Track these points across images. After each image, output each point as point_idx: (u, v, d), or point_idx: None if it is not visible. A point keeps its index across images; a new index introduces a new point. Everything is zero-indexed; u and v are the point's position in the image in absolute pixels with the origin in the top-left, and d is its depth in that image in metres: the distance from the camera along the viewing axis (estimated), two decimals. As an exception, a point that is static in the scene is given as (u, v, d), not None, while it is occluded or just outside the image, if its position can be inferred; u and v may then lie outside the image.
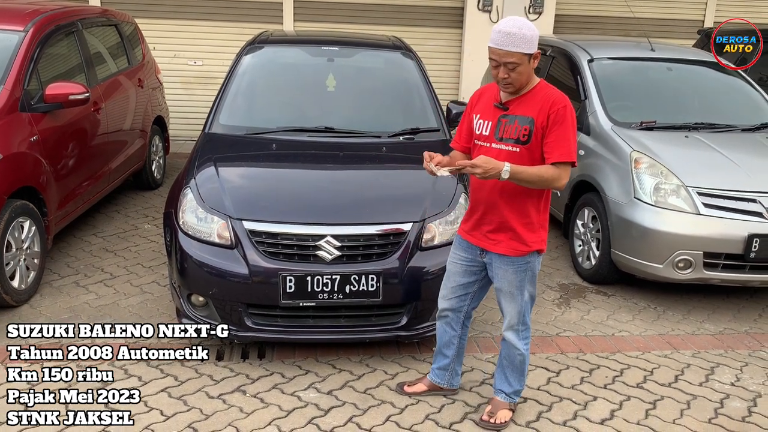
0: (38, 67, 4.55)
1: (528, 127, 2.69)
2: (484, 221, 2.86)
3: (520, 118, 2.71)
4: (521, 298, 2.90)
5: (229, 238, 3.42)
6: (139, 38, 6.74)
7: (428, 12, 8.91)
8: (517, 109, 2.74)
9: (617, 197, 4.54)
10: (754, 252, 4.14)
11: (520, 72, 2.64)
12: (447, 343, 3.20)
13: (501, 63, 2.64)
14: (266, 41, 5.08)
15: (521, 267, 2.85)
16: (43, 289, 4.34)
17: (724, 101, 5.59)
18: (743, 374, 3.71)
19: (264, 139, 4.24)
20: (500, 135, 2.75)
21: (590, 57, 5.51)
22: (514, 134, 2.71)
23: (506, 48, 2.60)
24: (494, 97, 2.82)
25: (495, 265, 2.90)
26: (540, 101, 2.70)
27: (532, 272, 2.89)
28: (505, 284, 2.89)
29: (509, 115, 2.74)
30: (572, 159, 2.68)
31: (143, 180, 6.52)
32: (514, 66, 2.62)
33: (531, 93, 2.73)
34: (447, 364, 3.25)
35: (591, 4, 9.26)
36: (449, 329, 3.17)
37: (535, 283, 2.93)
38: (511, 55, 2.60)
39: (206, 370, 3.48)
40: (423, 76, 4.89)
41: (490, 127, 2.79)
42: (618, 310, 4.46)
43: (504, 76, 2.65)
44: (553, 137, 2.66)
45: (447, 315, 3.13)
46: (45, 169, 4.36)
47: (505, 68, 2.64)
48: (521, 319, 2.95)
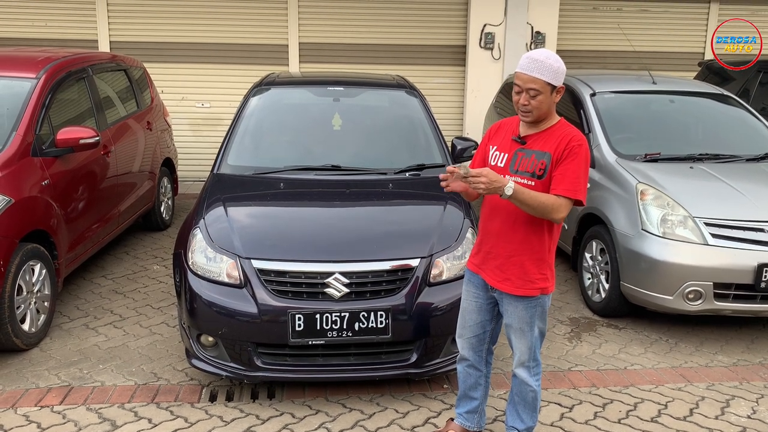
0: (50, 113, 4.64)
1: (545, 161, 2.69)
2: (492, 255, 2.84)
3: (537, 153, 2.71)
4: (531, 335, 2.86)
5: (239, 277, 3.43)
6: (148, 82, 6.87)
7: (431, 51, 9.05)
8: (535, 144, 2.73)
9: (625, 229, 4.54)
10: (764, 282, 4.12)
11: (540, 101, 2.65)
12: (473, 386, 3.11)
13: (524, 89, 2.66)
14: (273, 83, 5.18)
15: (531, 304, 2.82)
16: (53, 332, 4.35)
17: (727, 132, 5.62)
18: (759, 406, 3.65)
19: (272, 179, 4.29)
20: (515, 168, 2.74)
21: (593, 91, 5.58)
22: (531, 168, 2.71)
23: (531, 73, 2.63)
24: (513, 131, 2.82)
25: (505, 301, 2.87)
26: (558, 137, 2.70)
27: (542, 308, 2.86)
28: (515, 320, 2.85)
29: (526, 149, 2.74)
30: (577, 197, 2.66)
31: (152, 221, 6.57)
32: (535, 93, 2.64)
33: (550, 129, 2.74)
34: (476, 407, 3.15)
35: (591, 39, 9.39)
36: (473, 371, 3.08)
37: (545, 319, 2.90)
38: (534, 82, 2.63)
39: (216, 411, 3.46)
40: (427, 114, 4.96)
41: (506, 159, 2.78)
42: (630, 343, 4.42)
43: (525, 103, 2.67)
44: (562, 170, 2.66)
45: (469, 358, 3.06)
46: (56, 213, 4.41)
47: (526, 94, 2.66)
48: (532, 356, 2.91)
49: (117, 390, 3.65)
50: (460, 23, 9.00)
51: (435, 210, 3.95)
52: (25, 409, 3.43)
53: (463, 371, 3.11)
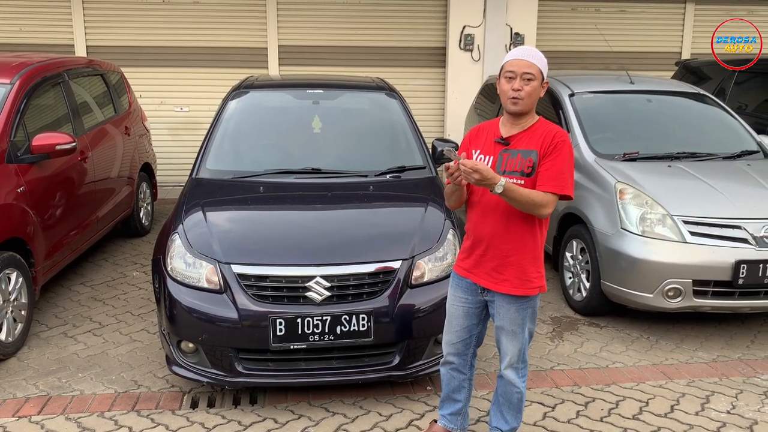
0: (25, 119, 4.57)
1: (532, 159, 2.71)
2: (486, 257, 2.81)
3: (523, 152, 2.73)
4: (522, 336, 2.86)
5: (218, 282, 3.41)
6: (125, 87, 6.80)
7: (411, 53, 9.07)
8: (519, 143, 2.75)
9: (604, 228, 4.58)
10: (742, 278, 4.17)
11: (533, 88, 2.69)
12: (457, 389, 3.10)
13: (518, 74, 2.69)
14: (252, 86, 5.15)
15: (524, 305, 2.81)
16: (31, 340, 4.28)
17: (704, 130, 5.68)
18: (738, 402, 3.69)
19: (251, 182, 4.26)
20: (502, 169, 2.74)
21: (571, 91, 5.61)
22: (519, 167, 2.72)
23: (528, 59, 2.70)
24: (494, 133, 2.82)
25: (497, 303, 2.84)
26: (542, 134, 2.74)
27: (533, 309, 2.86)
28: (507, 322, 2.84)
29: (511, 150, 2.75)
30: (564, 192, 2.70)
31: (131, 227, 6.50)
32: (530, 78, 2.68)
33: (532, 128, 2.77)
34: (460, 409, 3.14)
35: (570, 40, 9.46)
36: (457, 374, 3.07)
37: (535, 319, 2.90)
38: (531, 66, 2.69)
39: (198, 418, 3.43)
40: (407, 116, 4.95)
41: (491, 161, 2.77)
42: (611, 341, 4.45)
43: (518, 88, 2.68)
44: (548, 166, 2.69)
45: (453, 362, 3.04)
46: (32, 220, 4.34)
47: (521, 80, 2.69)
48: (521, 357, 2.90)
49: (96, 398, 3.60)
50: (439, 25, 9.03)
51: (416, 212, 3.95)
52: (3, 419, 3.37)
53: (447, 374, 3.10)
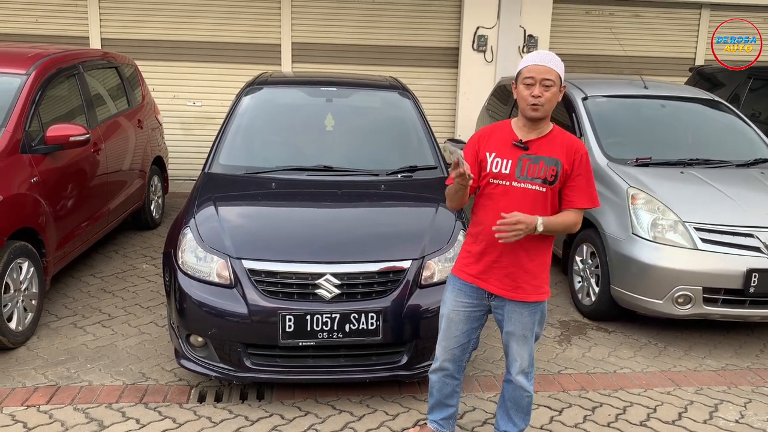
0: (39, 110, 4.60)
1: (555, 168, 2.69)
2: (500, 264, 2.77)
3: (546, 159, 2.70)
4: (532, 341, 2.86)
5: (229, 277, 3.41)
6: (139, 80, 6.83)
7: (424, 52, 9.06)
8: (540, 149, 2.72)
9: (615, 233, 4.56)
10: (753, 287, 4.14)
11: (553, 93, 2.67)
12: (450, 394, 3.07)
13: (537, 81, 2.66)
14: (265, 82, 5.16)
15: (534, 309, 2.81)
16: (41, 330, 4.31)
17: (717, 137, 5.65)
18: (747, 411, 3.67)
19: (263, 179, 4.27)
20: (522, 174, 2.70)
21: (585, 95, 5.59)
22: (541, 174, 2.69)
23: (547, 64, 2.67)
24: (510, 136, 2.77)
25: (508, 309, 2.81)
26: (563, 144, 2.73)
27: (542, 313, 2.85)
28: (519, 327, 2.82)
29: (531, 155, 2.72)
30: (596, 204, 2.78)
31: (142, 220, 6.53)
32: (550, 84, 2.66)
33: (551, 135, 2.76)
34: (452, 414, 3.13)
35: (583, 43, 9.43)
36: (450, 380, 3.04)
37: (543, 323, 2.90)
38: (550, 72, 2.66)
39: (205, 412, 3.44)
40: (420, 115, 4.95)
41: (510, 165, 2.72)
42: (619, 346, 4.43)
43: (538, 95, 2.65)
44: (578, 182, 2.72)
45: (448, 368, 2.99)
46: (44, 210, 4.37)
47: (540, 86, 2.66)
48: (531, 361, 2.89)
49: (105, 390, 3.62)
50: (453, 25, 9.01)
51: (427, 212, 3.94)
52: (12, 408, 3.39)
53: (440, 381, 3.04)
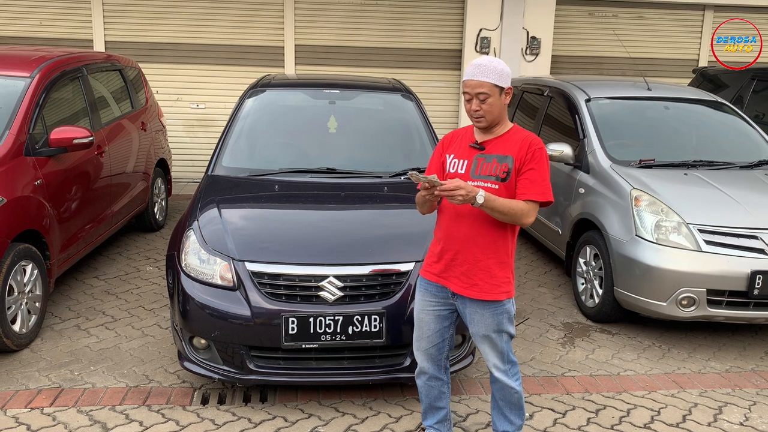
0: (43, 112, 4.61)
1: (507, 164, 2.72)
2: (456, 261, 2.80)
3: (498, 157, 2.75)
4: (501, 340, 2.83)
5: (232, 279, 3.42)
6: (143, 82, 6.85)
7: (427, 55, 9.07)
8: (495, 148, 2.77)
9: (619, 235, 4.55)
10: (757, 289, 4.13)
11: (491, 104, 2.69)
12: (437, 397, 3.07)
13: (473, 95, 2.70)
14: (268, 85, 5.16)
15: (497, 310, 2.79)
16: (44, 332, 4.32)
17: (721, 139, 5.64)
18: (752, 413, 3.66)
19: (266, 181, 4.27)
20: (477, 173, 2.76)
21: (588, 97, 5.59)
22: (494, 171, 2.73)
23: (477, 78, 2.68)
24: (469, 139, 2.85)
25: (470, 309, 2.82)
26: (518, 141, 2.75)
27: (508, 314, 2.82)
28: (482, 328, 2.81)
29: (486, 154, 2.77)
30: (548, 198, 2.72)
31: (145, 222, 6.54)
32: (485, 97, 2.68)
33: (507, 134, 2.79)
34: (445, 415, 3.12)
35: (587, 45, 9.42)
36: (435, 382, 3.03)
37: (512, 323, 2.86)
38: (481, 85, 2.67)
39: (208, 415, 3.44)
40: (423, 117, 4.95)
41: (465, 165, 2.79)
42: (623, 348, 4.42)
43: (476, 109, 2.70)
44: (528, 175, 2.71)
45: (428, 371, 2.99)
46: (48, 213, 4.38)
47: (476, 100, 2.70)
48: (506, 359, 2.88)
49: (108, 392, 3.62)
50: (455, 27, 9.02)
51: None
52: (15, 410, 3.40)
53: (425, 385, 3.04)
